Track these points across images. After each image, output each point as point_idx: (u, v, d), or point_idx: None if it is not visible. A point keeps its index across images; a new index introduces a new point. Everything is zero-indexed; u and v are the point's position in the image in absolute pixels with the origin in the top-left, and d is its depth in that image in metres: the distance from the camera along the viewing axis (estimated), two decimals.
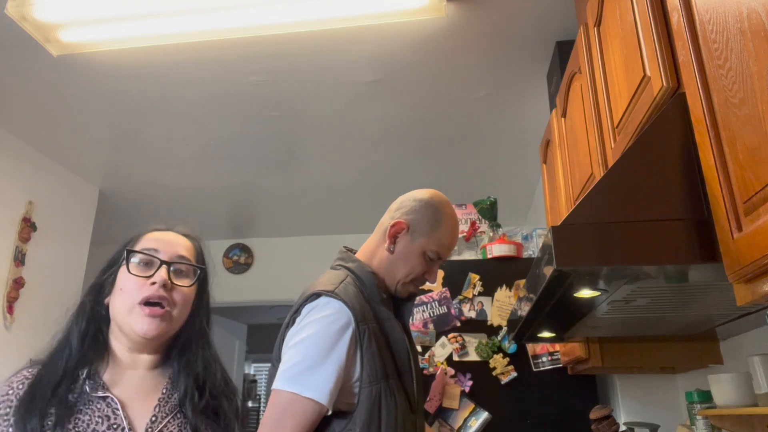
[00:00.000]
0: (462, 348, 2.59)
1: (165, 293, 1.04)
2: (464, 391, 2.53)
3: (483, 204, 2.89)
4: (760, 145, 0.81)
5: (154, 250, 1.08)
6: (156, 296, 1.03)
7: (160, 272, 1.05)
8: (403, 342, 1.40)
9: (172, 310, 1.06)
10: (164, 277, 1.04)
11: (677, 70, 1.14)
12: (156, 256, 1.07)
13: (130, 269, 1.05)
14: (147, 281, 1.04)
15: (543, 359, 2.54)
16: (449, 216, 1.48)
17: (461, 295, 2.67)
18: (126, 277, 1.05)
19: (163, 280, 1.04)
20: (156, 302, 1.03)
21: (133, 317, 1.02)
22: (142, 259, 1.07)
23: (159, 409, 1.04)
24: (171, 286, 1.06)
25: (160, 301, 1.03)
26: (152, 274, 1.05)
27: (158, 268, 1.06)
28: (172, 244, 1.11)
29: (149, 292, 1.03)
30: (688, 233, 1.01)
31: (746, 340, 1.75)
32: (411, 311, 1.57)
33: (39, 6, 2.36)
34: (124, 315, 1.03)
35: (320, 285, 1.34)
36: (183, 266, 1.10)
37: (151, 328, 1.02)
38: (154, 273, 1.05)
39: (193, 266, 1.12)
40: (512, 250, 2.72)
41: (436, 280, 1.65)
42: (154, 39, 2.57)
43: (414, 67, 2.82)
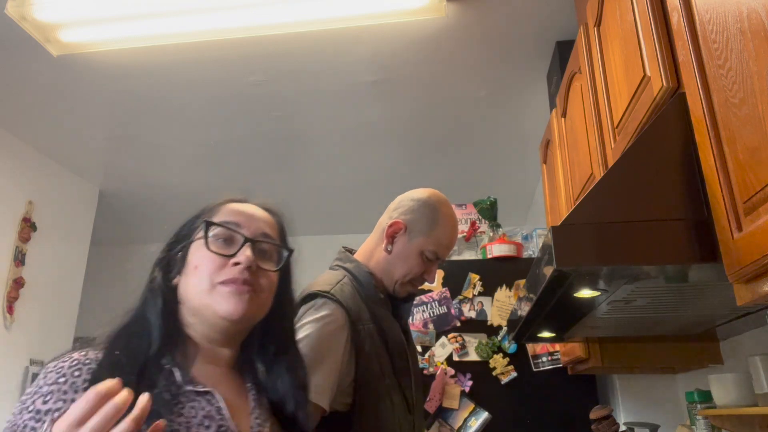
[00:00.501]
0: (462, 348, 2.59)
1: (249, 276, 0.87)
2: (464, 391, 2.53)
3: (483, 204, 2.89)
4: (760, 145, 0.81)
5: (236, 224, 0.91)
6: (240, 279, 0.86)
7: (244, 251, 0.88)
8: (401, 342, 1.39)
9: (258, 294, 0.89)
10: (250, 258, 0.87)
11: (677, 70, 1.14)
12: (239, 232, 0.90)
13: (209, 245, 0.88)
14: (228, 261, 0.87)
15: (543, 359, 2.54)
16: (447, 216, 1.48)
17: (461, 295, 2.67)
18: (203, 254, 0.88)
19: (249, 261, 0.87)
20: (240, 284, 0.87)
21: (215, 297, 0.86)
22: (223, 234, 0.90)
23: (258, 413, 0.90)
24: (256, 269, 0.88)
25: (246, 285, 0.87)
26: (235, 253, 0.88)
27: (241, 246, 0.88)
28: (255, 219, 0.94)
29: (232, 274, 0.86)
30: (688, 233, 1.01)
31: (746, 340, 1.75)
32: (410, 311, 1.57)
33: (39, 6, 2.36)
34: (201, 296, 0.87)
35: (317, 285, 1.34)
36: (267, 246, 0.93)
37: (238, 308, 0.85)
38: (237, 251, 0.88)
39: (279, 246, 0.95)
40: (512, 250, 2.72)
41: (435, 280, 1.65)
42: (154, 39, 2.57)
43: (414, 67, 2.82)
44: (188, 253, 0.91)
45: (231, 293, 0.85)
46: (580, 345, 2.10)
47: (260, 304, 0.90)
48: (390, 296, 1.46)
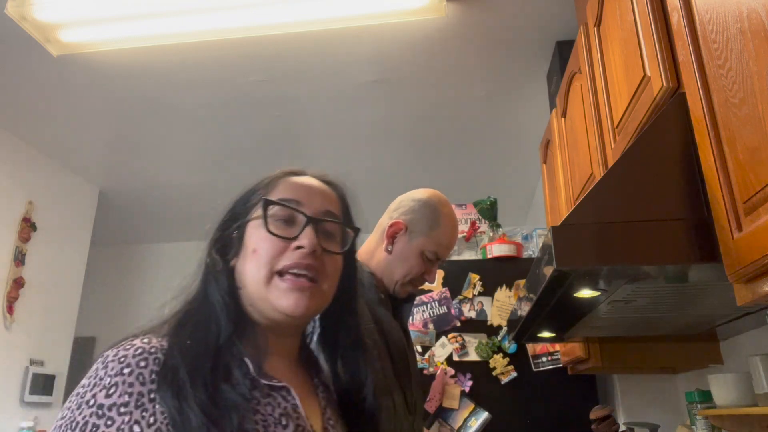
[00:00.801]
0: (462, 348, 2.59)
1: (314, 261, 0.78)
2: (464, 391, 2.53)
3: (483, 204, 2.89)
4: (760, 145, 0.81)
5: (296, 202, 0.81)
6: (303, 265, 0.77)
7: (307, 233, 0.78)
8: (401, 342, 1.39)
9: (321, 283, 0.80)
10: (314, 241, 0.78)
11: (677, 70, 1.14)
12: (301, 210, 0.80)
13: (269, 226, 0.78)
14: (290, 244, 0.78)
15: (543, 359, 2.54)
16: (448, 216, 1.48)
17: (461, 295, 2.67)
18: (263, 236, 0.79)
19: (312, 245, 0.77)
20: (302, 273, 0.78)
21: (273, 291, 0.77)
22: (282, 214, 0.80)
23: (329, 413, 0.83)
24: (321, 253, 0.79)
25: (308, 271, 0.78)
26: (297, 236, 0.78)
27: (304, 227, 0.79)
28: (317, 194, 0.84)
29: (293, 259, 0.77)
30: (688, 233, 1.01)
31: (746, 340, 1.75)
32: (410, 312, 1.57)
33: (39, 6, 2.36)
34: (259, 286, 0.78)
35: None
36: (331, 226, 0.83)
37: (299, 305, 0.76)
38: (299, 234, 0.79)
39: (344, 226, 0.86)
40: (512, 250, 2.72)
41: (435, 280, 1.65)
42: (154, 39, 2.57)
43: (414, 67, 2.82)
44: (245, 233, 0.82)
45: (291, 289, 0.77)
46: (580, 345, 2.10)
47: (324, 295, 0.81)
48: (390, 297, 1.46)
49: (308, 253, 0.77)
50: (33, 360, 3.58)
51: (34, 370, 3.55)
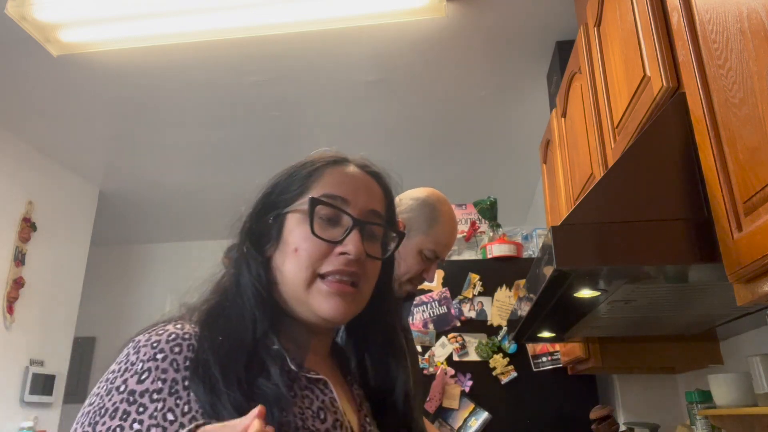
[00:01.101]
0: (462, 348, 2.59)
1: (357, 268, 0.74)
2: (464, 391, 2.53)
3: (483, 204, 2.89)
4: (760, 145, 0.81)
5: (342, 199, 0.76)
6: (347, 271, 0.73)
7: (353, 239, 0.74)
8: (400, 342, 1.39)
9: (362, 287, 0.76)
10: (360, 248, 0.73)
11: (677, 70, 1.14)
12: (347, 212, 0.75)
13: (315, 229, 0.73)
14: (333, 248, 0.74)
15: (543, 359, 2.54)
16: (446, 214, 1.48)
17: (461, 295, 2.67)
18: (305, 235, 0.74)
19: (359, 252, 0.73)
20: (344, 279, 0.74)
21: (313, 294, 0.73)
22: (328, 214, 0.75)
23: (365, 411, 0.80)
24: (365, 258, 0.75)
25: (350, 277, 0.74)
26: (342, 240, 0.74)
27: (350, 230, 0.74)
28: (363, 192, 0.79)
29: (337, 264, 0.73)
30: (688, 233, 1.01)
31: (746, 340, 1.75)
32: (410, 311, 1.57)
33: (39, 6, 2.36)
34: (299, 288, 0.74)
35: None
36: (377, 228, 0.79)
37: (339, 312, 0.73)
38: (344, 238, 0.74)
39: (387, 229, 0.81)
40: (512, 250, 2.72)
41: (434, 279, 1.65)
42: (154, 39, 2.57)
43: (414, 67, 2.82)
44: (283, 225, 0.77)
45: (333, 294, 0.73)
46: (580, 345, 2.10)
47: (363, 300, 0.78)
48: None
49: (353, 261, 0.73)
50: (33, 360, 3.58)
51: (34, 370, 3.55)
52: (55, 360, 3.77)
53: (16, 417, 3.43)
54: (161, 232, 5.13)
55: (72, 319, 3.98)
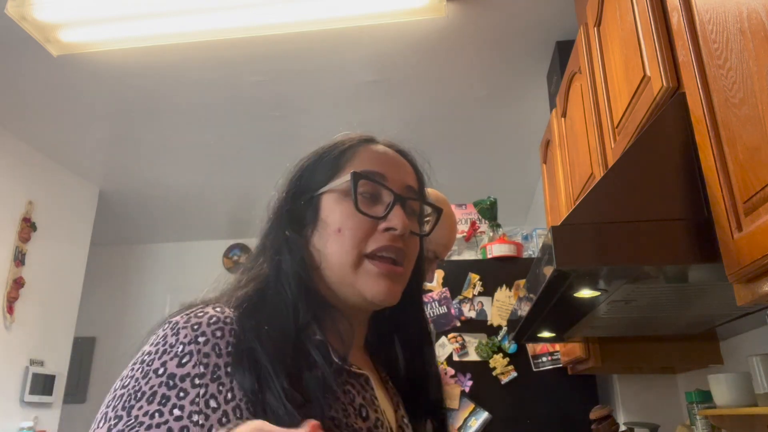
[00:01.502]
0: (462, 348, 2.59)
1: (402, 244, 0.72)
2: (464, 391, 2.53)
3: (483, 204, 2.89)
4: (760, 145, 0.81)
5: (380, 175, 0.74)
6: (394, 248, 0.70)
7: (397, 213, 0.71)
8: None
9: (406, 267, 0.74)
10: (407, 223, 0.71)
11: (677, 70, 1.14)
12: (387, 186, 0.73)
13: (359, 205, 0.70)
14: (377, 225, 0.71)
15: (543, 359, 2.54)
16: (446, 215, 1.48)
17: (461, 295, 2.67)
18: (348, 213, 0.71)
19: (405, 227, 0.70)
20: (390, 256, 0.71)
21: (362, 276, 0.70)
22: (369, 189, 0.73)
23: (403, 410, 0.77)
24: (408, 235, 0.72)
25: (396, 255, 0.71)
26: (386, 215, 0.71)
27: (392, 205, 0.71)
28: (399, 168, 0.77)
29: (383, 241, 0.70)
30: (688, 233, 1.01)
31: (746, 340, 1.75)
32: None
33: (39, 6, 2.36)
34: (345, 270, 0.70)
35: None
36: (415, 204, 0.77)
37: (390, 294, 0.70)
38: (387, 213, 0.71)
39: (428, 205, 0.79)
40: (512, 250, 2.72)
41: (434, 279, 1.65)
42: (155, 39, 2.57)
43: (414, 67, 2.82)
44: (320, 206, 0.73)
45: (382, 275, 0.69)
46: (580, 345, 2.10)
47: (405, 279, 0.74)
48: None
49: (399, 235, 0.70)
50: (33, 360, 3.58)
51: (34, 370, 3.55)
52: (55, 360, 3.77)
53: (16, 417, 3.43)
54: (161, 232, 5.13)
55: (72, 319, 3.98)
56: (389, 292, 0.70)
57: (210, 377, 0.58)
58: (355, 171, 0.71)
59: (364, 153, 0.76)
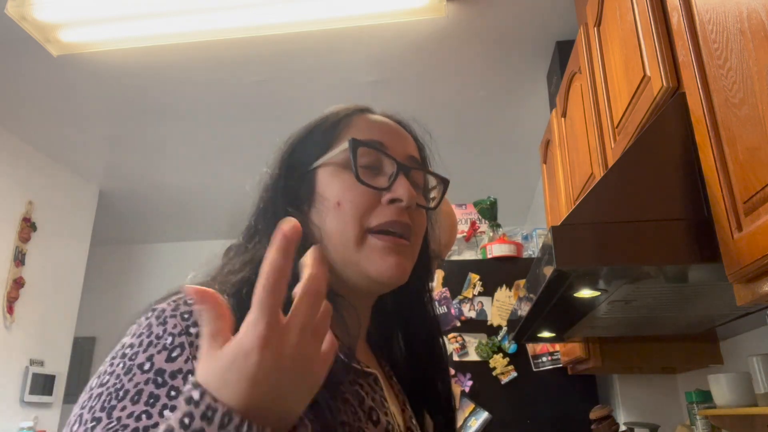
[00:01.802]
0: (462, 348, 2.59)
1: (408, 217, 0.65)
2: (464, 391, 2.52)
3: (483, 204, 2.89)
4: (760, 145, 0.81)
5: (381, 144, 0.67)
6: (400, 223, 0.63)
7: (402, 183, 0.64)
8: None
9: (413, 243, 0.66)
10: (413, 194, 0.64)
11: (677, 70, 1.14)
12: (389, 155, 0.66)
13: (360, 175, 0.63)
14: (380, 196, 0.64)
15: (543, 359, 2.54)
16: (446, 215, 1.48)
17: (461, 295, 2.67)
18: (348, 185, 0.64)
19: (411, 197, 0.63)
20: (396, 231, 0.64)
21: (366, 253, 0.62)
22: (369, 160, 0.66)
23: (410, 411, 0.70)
24: (415, 207, 0.65)
25: (403, 230, 0.64)
26: (390, 186, 0.64)
27: (396, 175, 0.65)
28: (397, 137, 0.70)
29: (389, 215, 0.63)
30: (688, 233, 1.01)
31: (746, 340, 1.75)
32: None
33: (39, 6, 2.36)
34: (347, 247, 0.63)
35: None
36: (419, 175, 0.70)
37: (398, 270, 0.62)
38: (391, 183, 0.64)
39: (432, 174, 0.73)
40: (512, 250, 2.72)
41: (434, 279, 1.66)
42: (155, 39, 2.57)
43: (414, 67, 2.82)
44: (315, 180, 0.67)
45: (388, 249, 0.62)
46: (580, 345, 2.10)
47: (414, 256, 0.67)
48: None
49: (405, 207, 0.63)
50: (33, 360, 3.58)
51: (34, 370, 3.55)
52: (55, 360, 3.77)
53: (16, 417, 3.43)
54: (161, 232, 5.13)
55: (72, 319, 3.98)
56: (397, 268, 0.62)
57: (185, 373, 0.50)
58: (354, 138, 0.65)
59: (360, 122, 0.70)
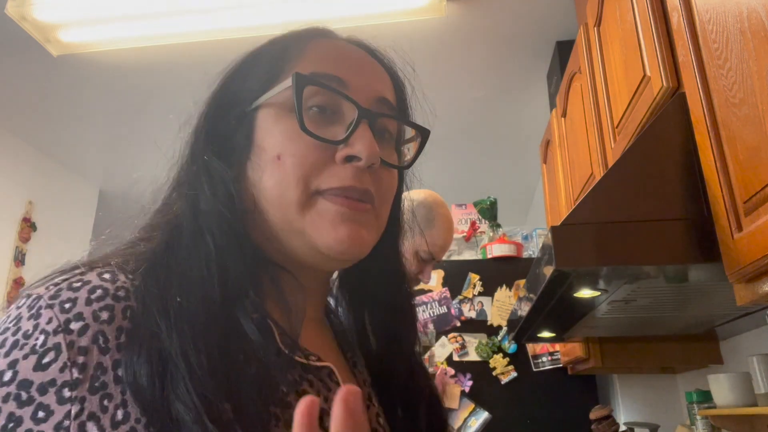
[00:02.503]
0: (462, 348, 2.59)
1: (371, 183, 0.51)
2: (464, 391, 2.52)
3: (483, 204, 2.89)
4: (760, 145, 0.81)
5: (339, 81, 0.52)
6: (358, 189, 0.50)
7: (362, 134, 0.50)
8: None
9: (379, 209, 0.53)
10: (376, 150, 0.49)
11: (677, 70, 1.14)
12: (350, 98, 0.51)
13: (306, 123, 0.49)
14: (335, 151, 0.50)
15: (543, 359, 2.54)
16: (443, 216, 1.49)
17: (461, 295, 2.67)
18: (291, 135, 0.50)
19: (372, 155, 0.49)
20: (353, 195, 0.50)
21: (313, 218, 0.49)
22: (321, 102, 0.51)
23: (376, 405, 0.57)
24: (379, 165, 0.51)
25: (363, 194, 0.50)
26: (347, 138, 0.50)
27: (355, 124, 0.50)
28: (367, 72, 0.55)
29: (343, 178, 0.49)
30: (688, 233, 1.01)
31: (746, 340, 1.75)
32: None
33: (39, 6, 2.36)
34: (289, 211, 0.49)
35: None
36: (390, 123, 0.55)
37: (354, 241, 0.49)
38: (349, 135, 0.50)
39: (409, 123, 0.60)
40: (512, 250, 2.72)
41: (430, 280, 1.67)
42: (154, 39, 2.57)
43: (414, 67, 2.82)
44: (254, 126, 0.52)
45: (341, 216, 0.49)
46: (580, 345, 2.10)
47: (380, 226, 0.54)
48: None
49: (365, 167, 0.49)
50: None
51: None
52: None
53: None
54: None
55: None
56: (351, 239, 0.48)
57: (89, 387, 0.37)
58: (298, 72, 0.49)
59: (315, 49, 0.54)
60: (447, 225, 1.50)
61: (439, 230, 1.47)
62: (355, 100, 0.50)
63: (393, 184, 0.55)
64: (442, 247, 1.49)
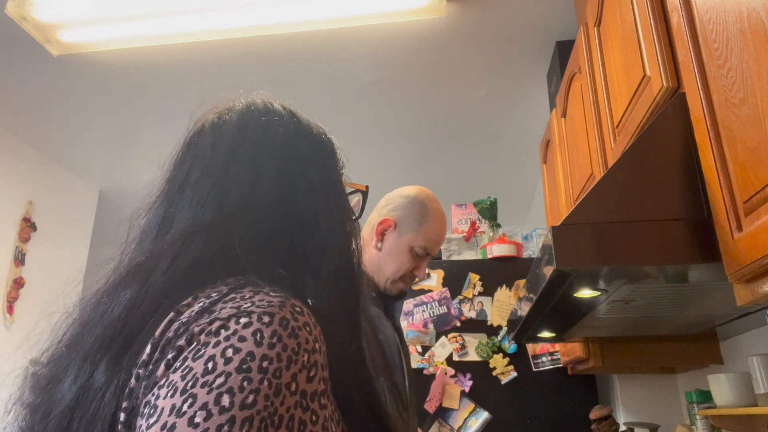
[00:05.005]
0: (462, 348, 2.59)
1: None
2: (464, 391, 2.52)
3: (483, 204, 2.89)
4: (760, 145, 0.81)
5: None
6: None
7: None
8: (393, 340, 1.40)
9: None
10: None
11: (677, 70, 1.14)
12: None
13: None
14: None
15: (543, 359, 2.54)
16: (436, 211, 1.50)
17: (461, 295, 2.67)
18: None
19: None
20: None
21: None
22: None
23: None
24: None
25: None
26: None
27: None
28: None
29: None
30: (688, 233, 1.01)
31: (746, 340, 1.75)
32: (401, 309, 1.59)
33: (39, 6, 2.36)
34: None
35: None
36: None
37: None
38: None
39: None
40: (512, 250, 2.72)
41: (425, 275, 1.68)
42: (154, 39, 2.57)
43: (414, 67, 2.82)
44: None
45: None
46: (580, 345, 2.10)
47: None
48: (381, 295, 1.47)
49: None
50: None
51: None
52: None
53: None
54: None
55: None
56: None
57: (328, 395, 0.46)
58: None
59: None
60: (440, 219, 1.51)
61: (434, 225, 1.48)
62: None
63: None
64: (437, 241, 1.50)
